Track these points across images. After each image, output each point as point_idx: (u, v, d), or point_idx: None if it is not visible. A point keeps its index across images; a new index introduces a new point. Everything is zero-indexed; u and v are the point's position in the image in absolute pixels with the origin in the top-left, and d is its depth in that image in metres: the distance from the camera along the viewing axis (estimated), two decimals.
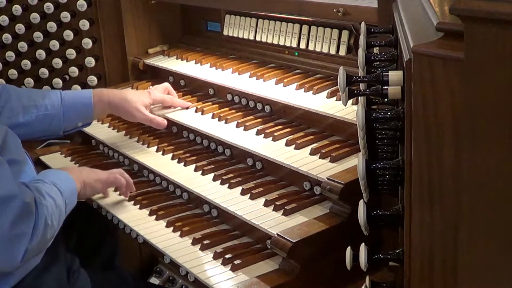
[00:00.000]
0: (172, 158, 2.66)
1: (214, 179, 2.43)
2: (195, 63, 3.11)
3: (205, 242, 2.20)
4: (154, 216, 2.42)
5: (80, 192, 2.32)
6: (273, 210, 2.17)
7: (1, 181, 1.90)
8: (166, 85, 2.94)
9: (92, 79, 3.35)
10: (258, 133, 2.51)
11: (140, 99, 2.76)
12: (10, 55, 3.45)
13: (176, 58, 3.23)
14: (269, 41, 2.90)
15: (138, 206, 2.52)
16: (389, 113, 1.44)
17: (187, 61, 3.16)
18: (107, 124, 3.08)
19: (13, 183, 1.93)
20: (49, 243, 2.11)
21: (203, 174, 2.49)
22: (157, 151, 2.75)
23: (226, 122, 2.66)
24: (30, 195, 1.97)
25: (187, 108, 2.88)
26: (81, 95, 2.70)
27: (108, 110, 2.81)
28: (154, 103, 2.83)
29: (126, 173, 2.54)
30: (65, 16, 3.29)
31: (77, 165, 2.91)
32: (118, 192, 2.58)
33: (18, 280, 2.09)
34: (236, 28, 3.06)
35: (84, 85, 3.35)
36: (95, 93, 2.70)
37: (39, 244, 1.99)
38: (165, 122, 2.79)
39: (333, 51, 2.62)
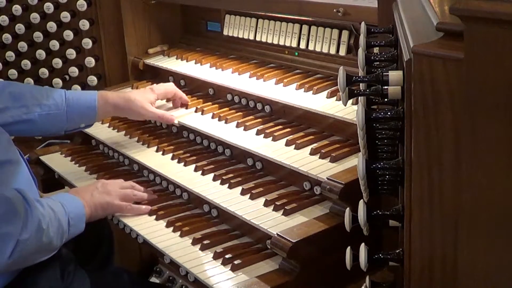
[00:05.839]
0: (172, 158, 2.66)
1: (214, 179, 2.43)
2: (195, 63, 3.12)
3: (205, 242, 2.20)
4: (154, 216, 2.42)
5: (91, 215, 2.32)
6: (273, 210, 2.17)
7: None
8: (171, 85, 2.93)
9: (92, 79, 3.35)
10: (258, 133, 2.51)
11: (145, 96, 2.75)
12: (10, 55, 3.45)
13: (176, 58, 3.23)
14: (269, 41, 2.90)
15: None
16: (389, 113, 1.43)
17: (187, 61, 3.16)
18: (107, 124, 3.08)
19: None
20: (47, 251, 2.11)
21: (203, 174, 2.49)
22: (157, 151, 2.75)
23: (226, 122, 2.66)
24: (17, 196, 1.95)
25: (186, 107, 2.89)
26: (86, 98, 2.66)
27: (113, 113, 2.80)
28: (158, 97, 2.82)
29: (137, 185, 2.53)
30: (65, 16, 3.29)
31: (77, 165, 2.92)
32: None
33: (9, 280, 2.09)
34: (236, 28, 3.06)
35: (84, 85, 3.36)
36: (100, 96, 2.66)
37: (30, 246, 1.98)
38: (174, 117, 2.78)
39: (333, 51, 2.62)
